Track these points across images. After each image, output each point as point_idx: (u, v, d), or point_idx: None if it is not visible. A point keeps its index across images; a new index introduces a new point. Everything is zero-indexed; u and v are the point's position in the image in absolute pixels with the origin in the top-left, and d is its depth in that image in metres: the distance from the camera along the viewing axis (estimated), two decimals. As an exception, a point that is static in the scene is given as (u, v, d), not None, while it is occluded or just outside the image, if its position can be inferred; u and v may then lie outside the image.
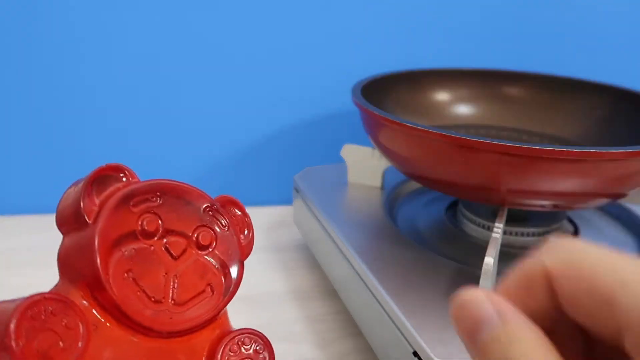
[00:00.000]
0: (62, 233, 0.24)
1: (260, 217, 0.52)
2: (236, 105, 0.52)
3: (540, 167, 0.28)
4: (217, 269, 0.25)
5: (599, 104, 0.44)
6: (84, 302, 0.22)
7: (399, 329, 0.28)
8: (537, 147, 0.28)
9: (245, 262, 0.26)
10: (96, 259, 0.22)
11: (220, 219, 0.26)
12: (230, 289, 0.25)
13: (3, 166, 0.49)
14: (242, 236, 0.27)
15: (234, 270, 0.26)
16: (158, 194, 0.24)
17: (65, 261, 0.24)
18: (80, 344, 0.21)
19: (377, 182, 0.44)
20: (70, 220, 0.23)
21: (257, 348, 0.25)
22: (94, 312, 0.22)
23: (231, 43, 0.49)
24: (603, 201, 0.32)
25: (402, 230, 0.38)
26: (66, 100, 0.48)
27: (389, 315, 0.29)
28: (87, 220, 0.23)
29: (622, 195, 0.32)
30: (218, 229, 0.26)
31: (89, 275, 0.22)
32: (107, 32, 0.47)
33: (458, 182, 0.32)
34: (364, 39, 0.52)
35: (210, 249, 0.25)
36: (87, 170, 0.24)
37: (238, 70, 0.50)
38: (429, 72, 0.47)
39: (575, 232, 0.39)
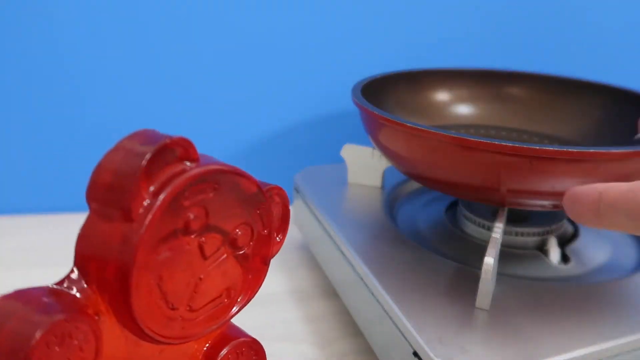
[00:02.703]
0: (90, 208, 0.18)
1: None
2: (236, 106, 0.52)
3: (540, 167, 0.28)
4: (241, 271, 0.22)
5: (599, 104, 0.44)
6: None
7: (399, 329, 0.28)
8: (537, 147, 0.28)
9: None
10: (129, 274, 0.17)
11: (266, 216, 0.22)
12: (250, 295, 0.22)
13: (3, 166, 0.49)
14: (277, 235, 0.23)
15: (257, 275, 0.22)
16: (216, 185, 0.19)
17: (85, 249, 0.19)
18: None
19: (377, 182, 0.44)
20: (108, 200, 0.18)
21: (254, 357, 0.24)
22: (95, 302, 0.19)
23: (231, 43, 0.49)
24: (603, 201, 0.32)
25: (402, 230, 0.38)
26: (67, 99, 0.48)
27: (389, 315, 0.29)
28: (131, 214, 0.17)
29: (622, 195, 0.32)
30: (260, 228, 0.22)
31: (112, 282, 0.18)
32: (108, 30, 0.47)
33: (458, 182, 0.32)
34: (364, 39, 0.52)
35: (245, 250, 0.22)
36: (88, 170, 0.20)
37: (238, 70, 0.50)
38: (429, 72, 0.47)
39: (575, 232, 0.39)
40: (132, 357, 0.20)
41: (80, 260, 0.19)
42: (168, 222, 0.18)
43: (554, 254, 0.35)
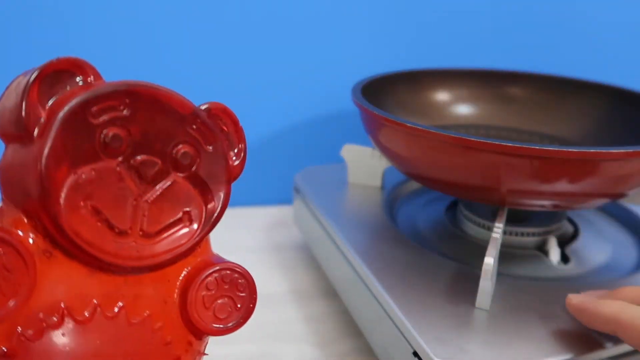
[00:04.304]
0: (4, 142, 0.19)
1: (260, 217, 0.52)
2: (235, 106, 0.51)
3: (540, 167, 0.28)
4: (197, 193, 0.21)
5: (599, 104, 0.44)
6: (22, 231, 0.19)
7: (399, 329, 0.28)
8: (537, 147, 0.28)
9: (244, 261, 0.23)
10: (43, 185, 0.18)
11: (205, 132, 0.21)
12: (213, 216, 0.22)
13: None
14: (232, 154, 0.23)
15: (218, 195, 0.22)
16: (127, 100, 0.19)
17: (7, 178, 0.19)
18: (22, 289, 0.18)
19: (377, 182, 0.44)
20: (11, 129, 0.18)
21: (239, 287, 0.23)
22: (45, 242, 0.19)
23: (230, 43, 0.49)
24: (603, 201, 0.32)
25: (402, 230, 0.38)
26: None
27: (389, 315, 0.29)
28: (31, 133, 0.18)
29: (622, 195, 0.32)
30: (202, 145, 0.21)
31: (35, 202, 0.18)
32: (108, 29, 0.47)
33: (458, 182, 0.32)
34: (364, 39, 0.52)
35: (192, 170, 0.21)
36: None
37: (237, 70, 0.50)
38: (429, 72, 0.47)
39: (575, 232, 0.39)
40: (102, 289, 0.20)
41: (6, 192, 0.19)
42: (77, 140, 0.18)
43: (554, 254, 0.35)
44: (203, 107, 0.22)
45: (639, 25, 0.58)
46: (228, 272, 0.22)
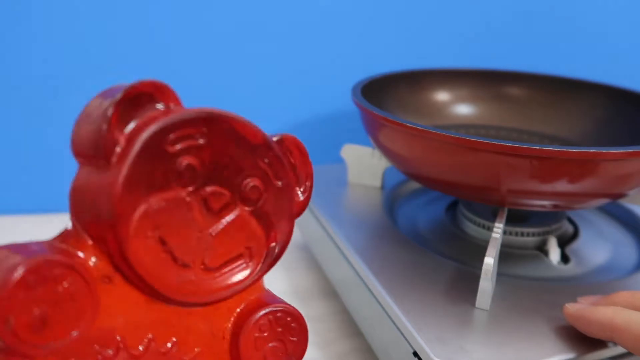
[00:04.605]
0: (78, 162, 0.19)
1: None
2: (235, 106, 0.52)
3: (540, 167, 0.28)
4: (261, 228, 0.21)
5: (599, 104, 0.44)
6: (93, 257, 0.18)
7: (399, 329, 0.28)
8: (537, 147, 0.28)
9: None
10: (116, 211, 0.17)
11: (276, 166, 0.21)
12: (274, 254, 0.21)
13: (3, 166, 0.49)
14: (298, 190, 0.22)
15: (281, 232, 0.21)
16: (204, 129, 0.19)
17: (79, 199, 0.18)
18: (86, 316, 0.18)
19: (377, 182, 0.44)
20: (89, 152, 0.18)
21: (292, 331, 0.22)
22: (106, 266, 0.18)
23: (230, 43, 0.49)
24: (603, 201, 0.32)
25: (402, 230, 0.38)
26: (66, 98, 0.48)
27: (389, 315, 0.29)
28: (109, 158, 0.17)
29: (622, 195, 0.32)
30: (271, 180, 0.20)
31: (104, 226, 0.18)
32: (106, 28, 0.47)
33: (458, 182, 0.32)
34: (364, 39, 0.52)
35: (258, 204, 0.20)
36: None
37: (237, 70, 0.50)
38: (429, 72, 0.47)
39: (575, 232, 0.39)
40: (157, 321, 0.20)
41: (75, 213, 0.19)
42: (152, 168, 0.18)
43: (554, 254, 0.35)
44: (275, 139, 0.21)
45: (639, 25, 0.58)
46: (282, 314, 0.22)
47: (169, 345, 0.20)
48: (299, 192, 0.22)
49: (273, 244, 0.21)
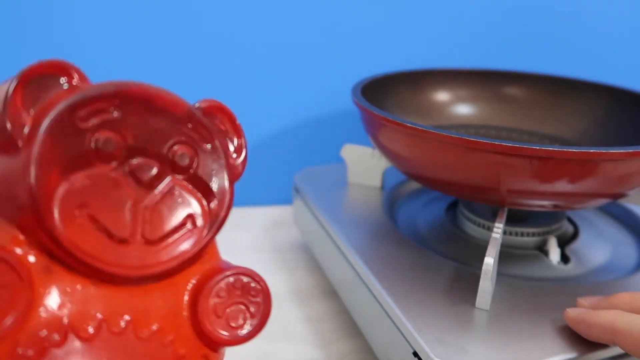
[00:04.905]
0: None
1: (260, 217, 0.52)
2: (235, 106, 0.52)
3: (540, 167, 0.28)
4: (199, 195, 0.21)
5: (599, 104, 0.44)
6: (20, 248, 0.18)
7: (399, 329, 0.28)
8: (537, 147, 0.28)
9: (244, 262, 0.23)
10: (33, 196, 0.17)
11: (202, 131, 0.21)
12: (219, 218, 0.21)
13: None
14: (231, 151, 0.22)
15: (221, 195, 0.21)
16: (117, 102, 0.19)
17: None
18: (19, 305, 0.17)
19: (377, 182, 0.44)
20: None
21: (252, 291, 0.21)
22: (44, 258, 0.18)
23: (230, 43, 0.49)
24: (603, 201, 0.32)
25: (402, 230, 0.38)
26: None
27: (389, 315, 0.29)
28: (16, 142, 0.17)
29: (622, 195, 0.32)
30: (199, 145, 0.20)
31: (28, 215, 0.17)
32: (105, 28, 0.47)
33: (458, 182, 0.32)
34: (364, 39, 0.52)
35: (191, 171, 0.20)
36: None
37: (237, 70, 0.50)
38: (429, 72, 0.47)
39: (575, 232, 0.39)
40: (106, 301, 0.19)
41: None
42: (66, 146, 0.18)
43: (554, 254, 0.35)
44: (198, 106, 0.21)
45: (638, 25, 0.58)
46: (239, 277, 0.21)
47: (122, 324, 0.19)
48: (233, 154, 0.22)
49: (215, 208, 0.21)
